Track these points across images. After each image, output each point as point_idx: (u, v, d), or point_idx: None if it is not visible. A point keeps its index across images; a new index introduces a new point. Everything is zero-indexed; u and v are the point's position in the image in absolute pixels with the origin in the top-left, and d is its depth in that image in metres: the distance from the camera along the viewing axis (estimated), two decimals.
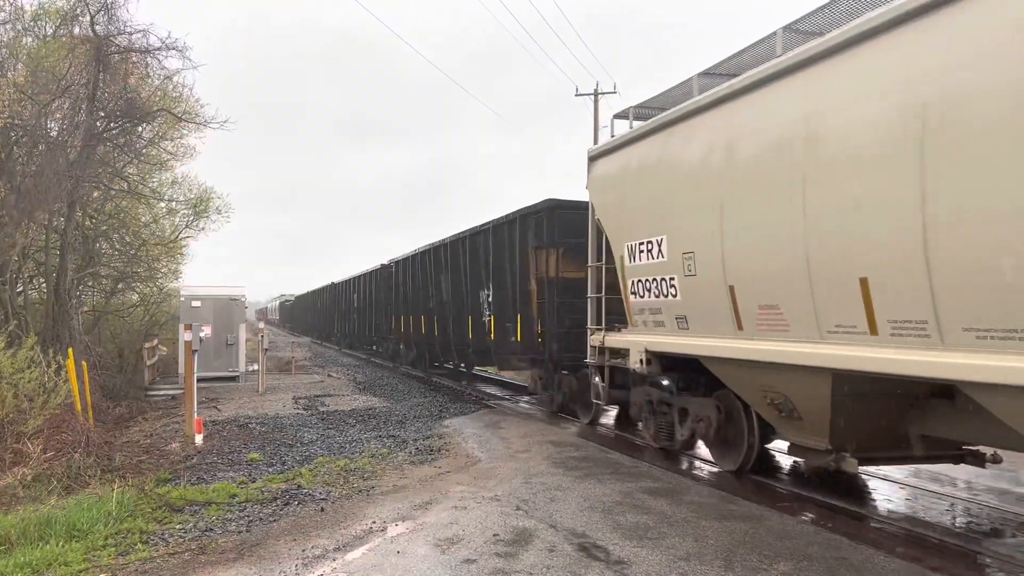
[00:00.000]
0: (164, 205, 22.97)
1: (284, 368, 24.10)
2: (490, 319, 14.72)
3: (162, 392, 17.25)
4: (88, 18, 15.34)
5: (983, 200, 4.75)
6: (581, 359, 11.30)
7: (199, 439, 10.48)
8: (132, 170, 18.87)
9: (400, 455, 9.59)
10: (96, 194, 17.51)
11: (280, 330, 75.26)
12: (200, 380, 13.38)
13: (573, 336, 11.80)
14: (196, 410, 11.05)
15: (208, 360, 18.09)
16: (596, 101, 29.81)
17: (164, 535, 6.24)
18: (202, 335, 13.14)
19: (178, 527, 6.47)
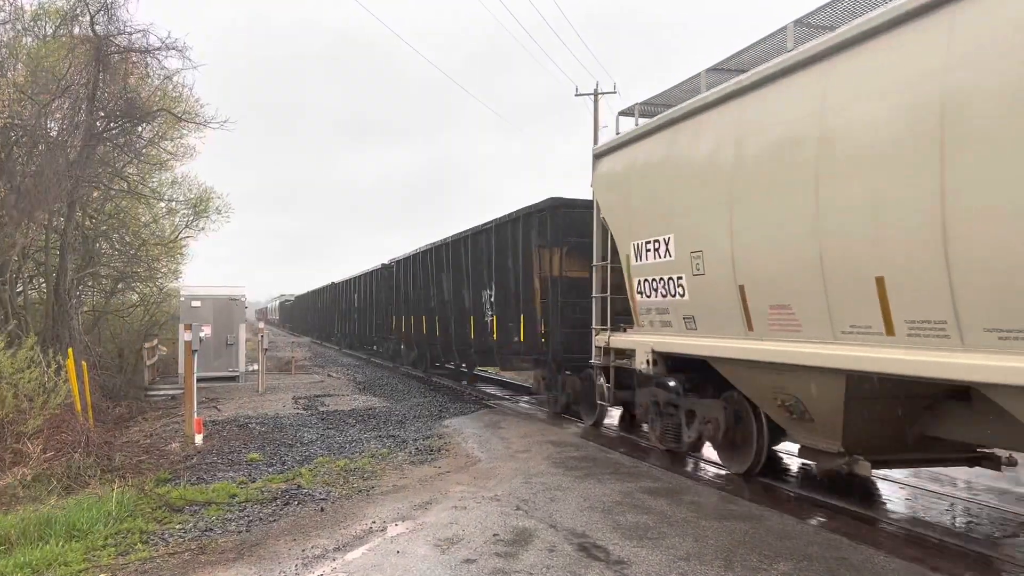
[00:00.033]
0: (164, 205, 23.01)
1: (284, 368, 24.10)
2: (493, 319, 14.64)
3: (162, 392, 17.25)
4: (88, 18, 15.35)
5: (1006, 195, 4.62)
6: (585, 360, 11.20)
7: (199, 439, 10.48)
8: (132, 170, 18.88)
9: (400, 455, 9.58)
10: (96, 194, 17.52)
11: (280, 330, 75.25)
12: (200, 380, 13.37)
13: (577, 336, 11.71)
14: (196, 410, 11.05)
15: (208, 360, 18.09)
16: (596, 101, 29.82)
17: (164, 535, 6.24)
18: (202, 335, 13.13)
19: (178, 527, 6.47)
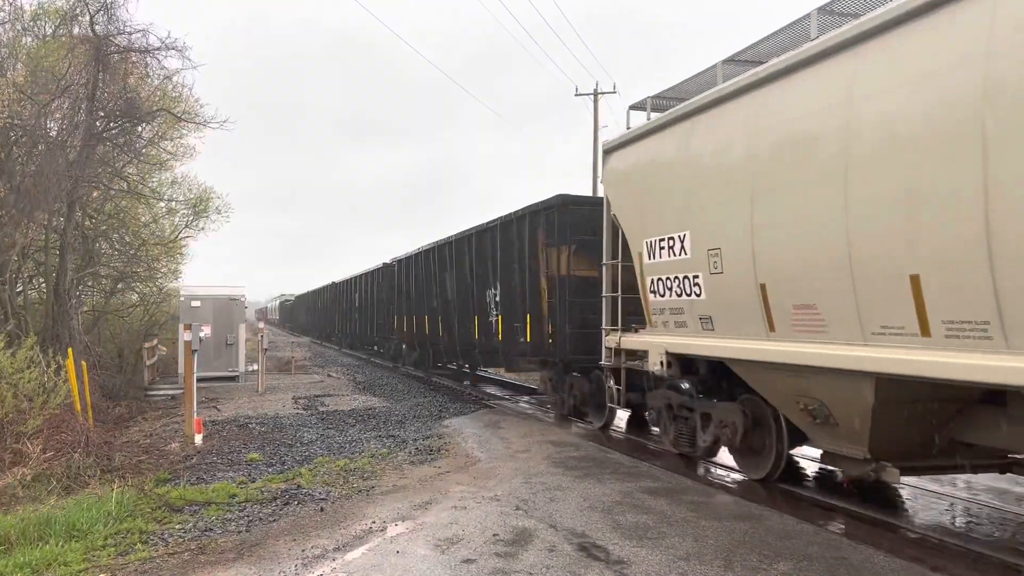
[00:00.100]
0: (164, 205, 23.03)
1: (284, 368, 24.10)
2: (497, 319, 14.41)
3: (162, 392, 17.25)
4: (87, 18, 15.36)
5: None
6: (593, 361, 10.95)
7: (199, 439, 10.48)
8: (132, 170, 18.90)
9: (400, 455, 9.58)
10: (96, 194, 17.52)
11: (280, 330, 75.26)
12: (200, 380, 13.37)
13: (585, 337, 11.44)
14: (196, 410, 11.05)
15: (208, 360, 18.09)
16: (596, 101, 29.84)
17: (164, 535, 6.23)
18: (202, 335, 13.12)
19: (178, 527, 6.46)
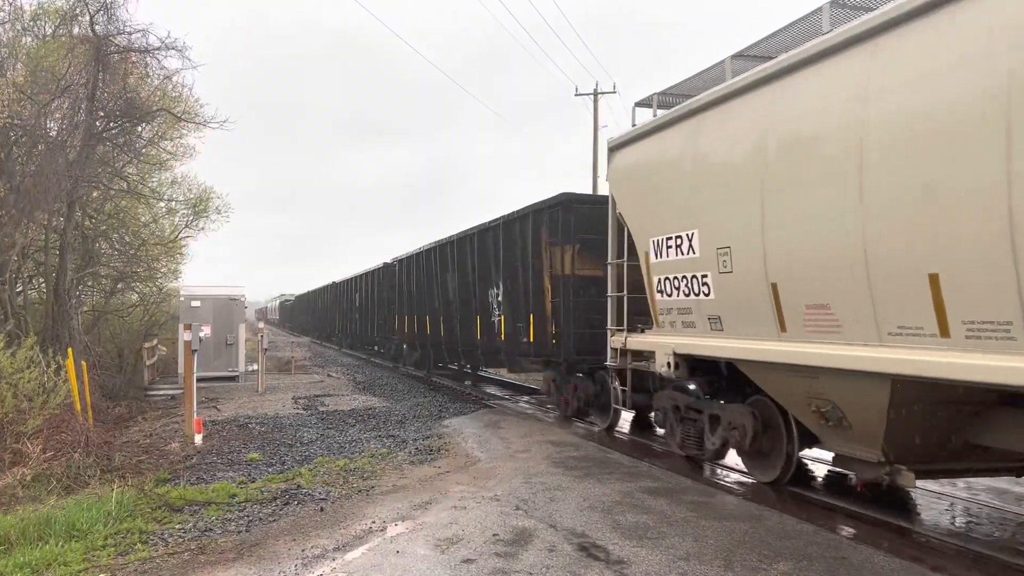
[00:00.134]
0: (164, 205, 23.03)
1: (284, 368, 24.10)
2: (500, 319, 14.28)
3: (162, 392, 17.26)
4: (87, 18, 15.35)
5: None
6: (598, 361, 10.84)
7: (199, 439, 10.48)
8: (132, 170, 18.90)
9: (400, 455, 9.58)
10: (96, 194, 17.52)
11: (280, 330, 75.27)
12: (200, 380, 13.37)
13: (590, 337, 11.33)
14: (196, 410, 11.05)
15: (208, 360, 18.09)
16: (596, 101, 29.83)
17: (163, 535, 6.24)
18: (202, 335, 13.11)
19: (177, 527, 6.46)
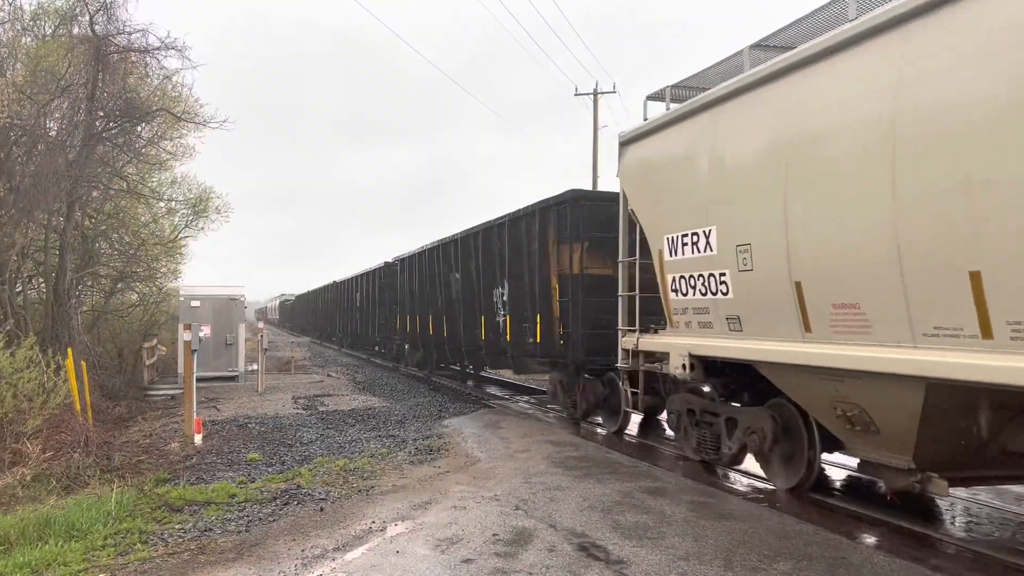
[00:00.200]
0: (163, 205, 23.01)
1: (284, 368, 24.10)
2: (505, 319, 13.99)
3: (161, 392, 17.26)
4: (87, 18, 15.35)
5: None
6: (608, 363, 10.68)
7: (198, 439, 10.48)
8: (131, 170, 18.90)
9: (399, 455, 9.58)
10: (95, 194, 17.51)
11: (280, 330, 75.28)
12: (199, 380, 13.38)
13: (599, 338, 11.06)
14: (195, 410, 11.05)
15: (207, 360, 18.09)
16: (596, 101, 29.84)
17: (163, 535, 6.23)
18: (201, 335, 13.11)
19: (177, 527, 6.46)
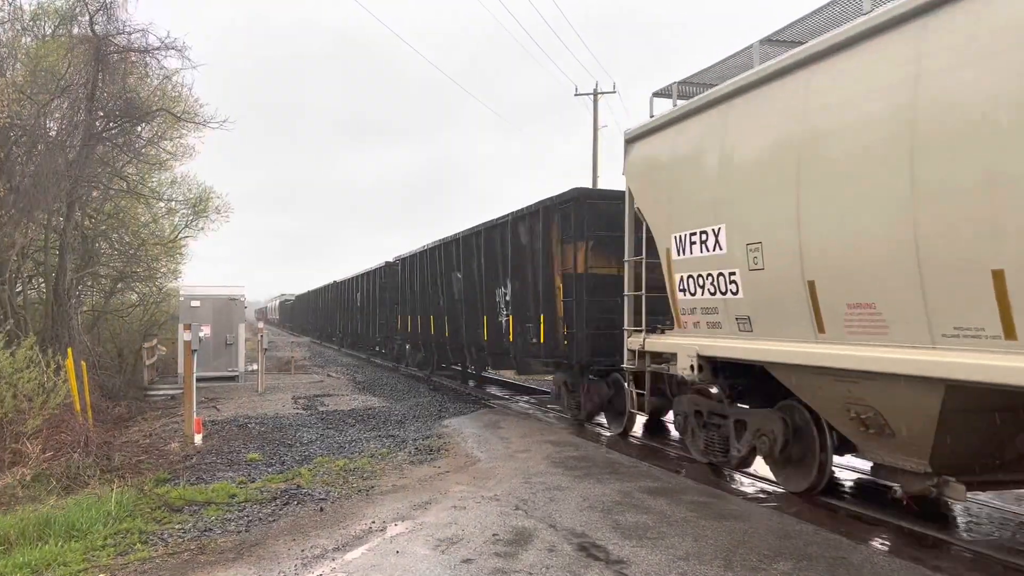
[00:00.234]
0: (163, 205, 23.02)
1: (284, 368, 24.11)
2: (508, 319, 13.84)
3: (161, 392, 17.26)
4: (87, 18, 15.36)
5: None
6: (613, 363, 10.59)
7: (198, 439, 10.48)
8: (131, 170, 18.91)
9: (399, 455, 9.58)
10: (95, 194, 17.52)
11: (280, 330, 75.27)
12: (199, 380, 13.37)
13: (603, 338, 10.92)
14: (195, 410, 11.05)
15: (207, 360, 18.08)
16: (595, 101, 29.84)
17: (163, 535, 6.23)
18: (201, 335, 13.12)
19: (177, 527, 6.46)
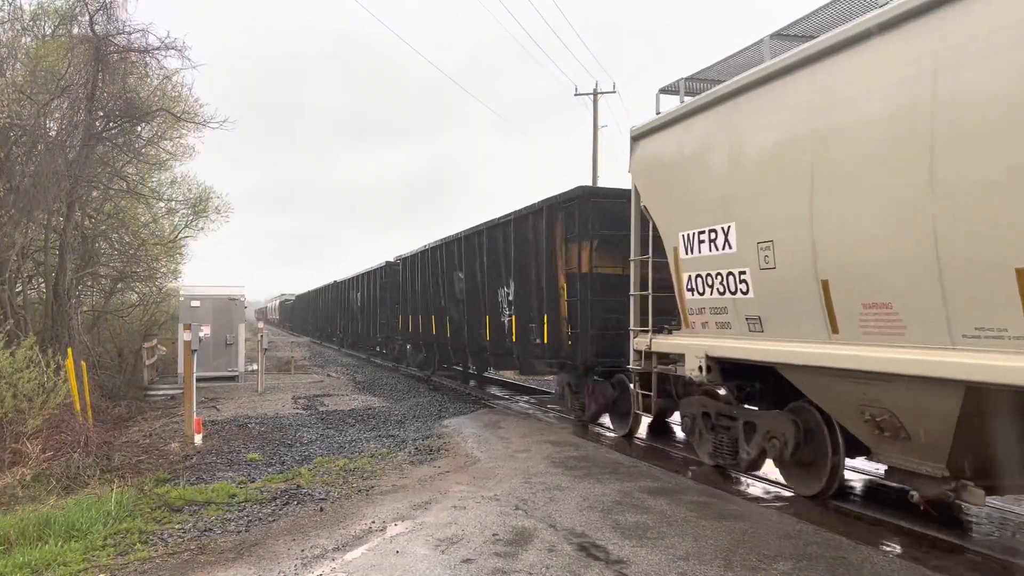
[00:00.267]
0: (163, 205, 23.01)
1: (283, 368, 24.10)
2: (511, 319, 13.72)
3: (161, 392, 17.26)
4: (87, 17, 15.35)
5: None
6: (618, 364, 10.52)
7: (198, 439, 10.48)
8: (131, 170, 18.91)
9: (399, 455, 9.58)
10: (95, 194, 17.52)
11: (280, 330, 75.26)
12: (199, 380, 13.38)
13: (608, 338, 10.85)
14: (195, 410, 11.05)
15: (207, 360, 18.08)
16: (595, 101, 29.84)
17: (163, 535, 6.23)
18: (201, 335, 13.12)
19: (177, 527, 6.46)
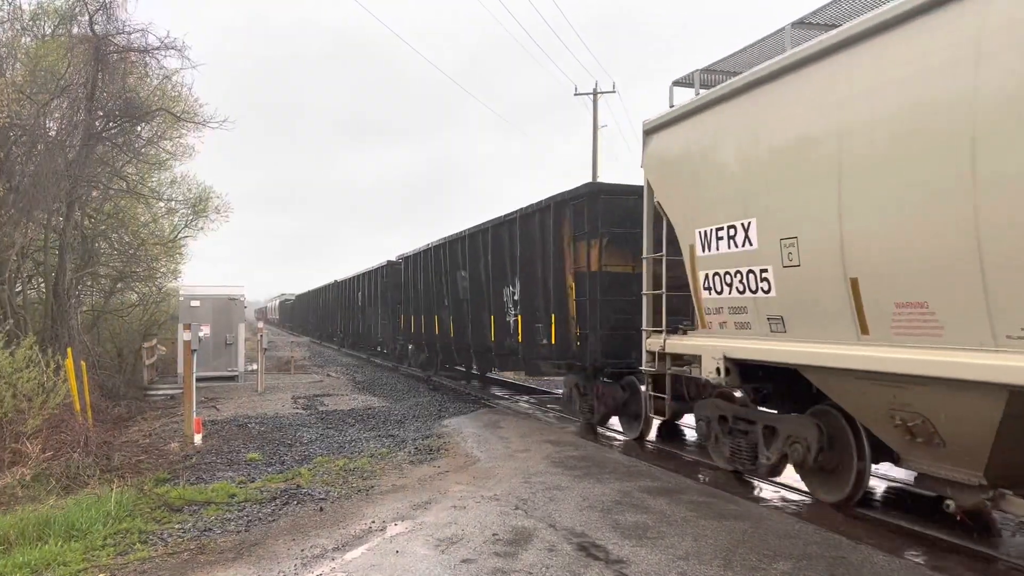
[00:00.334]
0: (163, 205, 23.03)
1: (283, 368, 24.11)
2: (517, 319, 13.46)
3: (161, 392, 17.26)
4: (87, 17, 15.36)
5: None
6: (628, 365, 10.33)
7: (198, 439, 10.48)
8: (131, 170, 18.92)
9: (399, 455, 9.58)
10: (95, 193, 17.52)
11: (280, 330, 75.26)
12: (199, 380, 13.38)
13: (618, 339, 10.60)
14: (195, 410, 11.05)
15: (207, 360, 18.08)
16: (595, 101, 29.83)
17: (163, 535, 6.23)
18: (201, 335, 13.11)
19: (177, 527, 6.46)
